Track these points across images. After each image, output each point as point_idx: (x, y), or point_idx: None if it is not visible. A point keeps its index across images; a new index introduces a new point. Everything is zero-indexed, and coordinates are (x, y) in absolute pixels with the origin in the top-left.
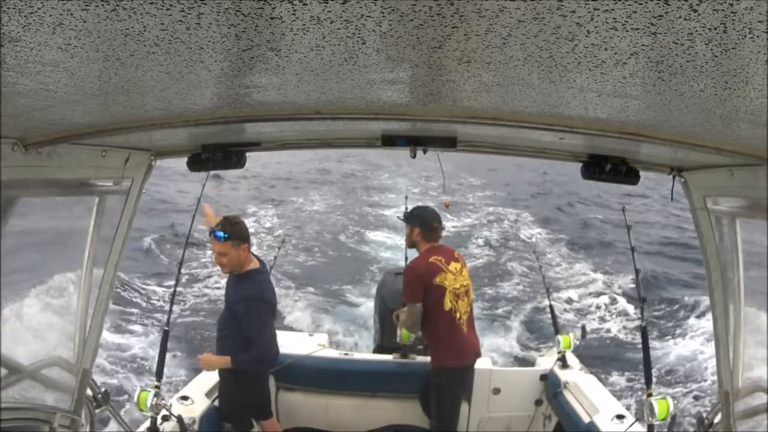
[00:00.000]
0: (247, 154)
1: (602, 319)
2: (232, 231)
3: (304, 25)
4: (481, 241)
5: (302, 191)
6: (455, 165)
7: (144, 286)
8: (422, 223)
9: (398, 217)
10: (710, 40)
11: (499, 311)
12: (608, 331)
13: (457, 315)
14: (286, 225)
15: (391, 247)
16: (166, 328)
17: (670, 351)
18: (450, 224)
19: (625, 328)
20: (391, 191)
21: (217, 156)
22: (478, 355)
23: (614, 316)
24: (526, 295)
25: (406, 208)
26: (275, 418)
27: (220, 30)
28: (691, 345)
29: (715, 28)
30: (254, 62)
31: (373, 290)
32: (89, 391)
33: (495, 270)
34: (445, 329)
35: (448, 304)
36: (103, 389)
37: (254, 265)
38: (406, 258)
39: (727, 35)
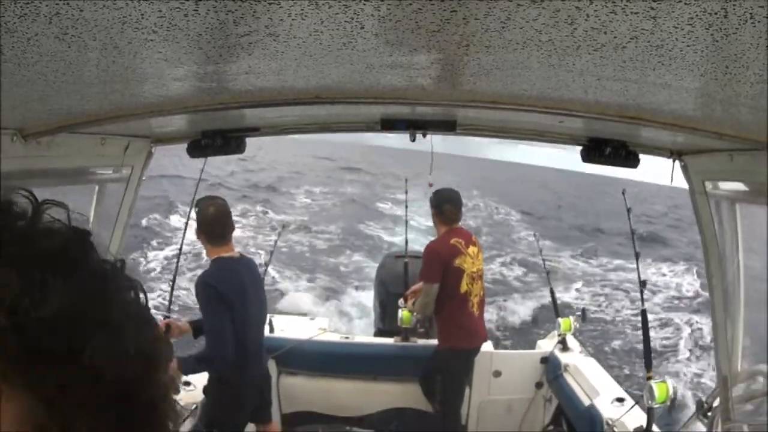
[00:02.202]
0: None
1: None
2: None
3: (302, 9)
4: None
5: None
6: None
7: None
8: (436, 205)
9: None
10: (711, 25)
11: None
12: None
13: (471, 298)
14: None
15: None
16: (167, 314)
17: None
18: None
19: None
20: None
21: (216, 142)
22: (485, 339)
23: None
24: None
25: (406, 192)
26: (276, 422)
27: (218, 16)
28: None
29: (716, 13)
30: (252, 48)
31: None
32: None
33: None
34: (459, 311)
35: (464, 287)
36: None
37: (223, 253)
38: (406, 241)
39: (727, 20)
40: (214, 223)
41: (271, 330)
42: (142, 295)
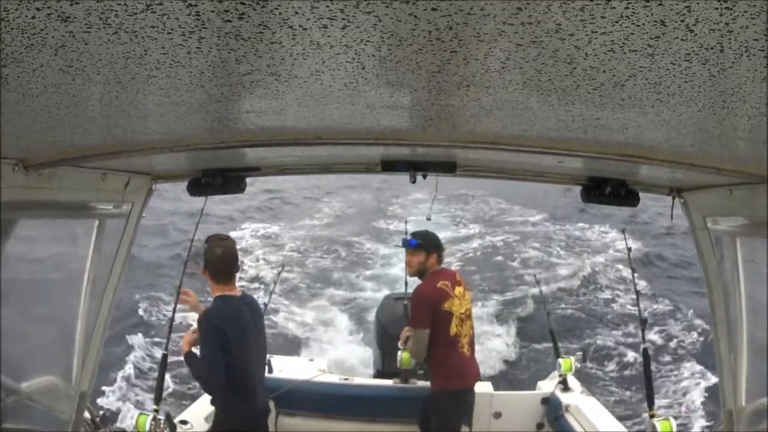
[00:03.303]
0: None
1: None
2: None
3: (303, 50)
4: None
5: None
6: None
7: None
8: (439, 249)
9: (408, 243)
10: (707, 60)
11: None
12: None
13: (461, 339)
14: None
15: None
16: (165, 352)
17: None
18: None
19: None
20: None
21: (217, 181)
22: (478, 377)
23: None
24: None
25: (406, 232)
26: None
27: (221, 54)
28: None
29: (712, 48)
30: (254, 87)
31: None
32: (87, 414)
33: None
34: (449, 353)
35: (453, 329)
36: (101, 412)
37: (226, 292)
38: (406, 283)
39: (723, 54)
40: (221, 264)
41: (270, 371)
42: None
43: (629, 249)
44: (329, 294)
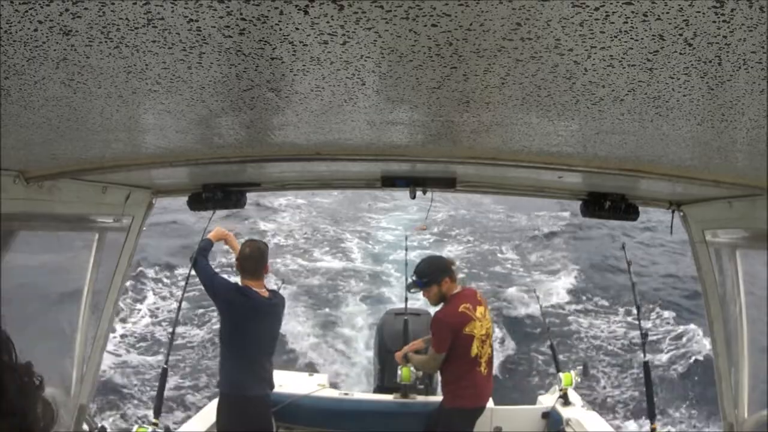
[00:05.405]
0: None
1: None
2: None
3: (304, 65)
4: None
5: None
6: None
7: None
8: (448, 272)
9: (413, 285)
10: (705, 73)
11: None
12: None
13: (481, 360)
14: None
15: None
16: (165, 366)
17: None
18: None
19: None
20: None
21: (217, 196)
22: (490, 396)
23: None
24: None
25: (405, 249)
26: None
27: (221, 70)
28: None
29: (710, 61)
30: (254, 102)
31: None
32: (86, 427)
33: None
34: (468, 373)
35: (474, 351)
36: (99, 425)
37: (252, 286)
38: (406, 299)
39: (722, 68)
40: (247, 260)
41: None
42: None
43: (629, 263)
44: None
